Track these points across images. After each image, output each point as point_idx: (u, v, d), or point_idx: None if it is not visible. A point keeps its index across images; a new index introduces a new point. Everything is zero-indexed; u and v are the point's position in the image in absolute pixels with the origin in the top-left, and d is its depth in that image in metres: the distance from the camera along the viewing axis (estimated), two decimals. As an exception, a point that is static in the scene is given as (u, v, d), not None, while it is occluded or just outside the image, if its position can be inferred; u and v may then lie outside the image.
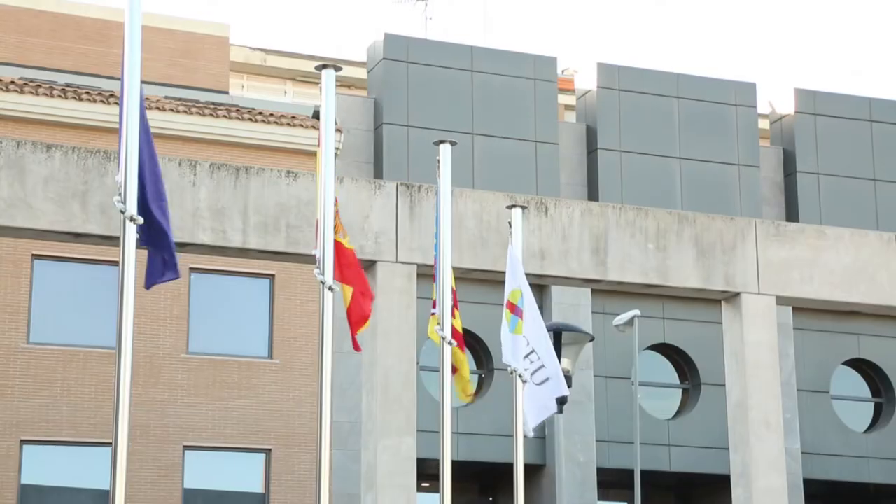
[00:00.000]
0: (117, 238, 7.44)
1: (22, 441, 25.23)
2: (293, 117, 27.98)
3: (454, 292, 10.22)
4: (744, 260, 15.23)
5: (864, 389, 32.20)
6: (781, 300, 15.55)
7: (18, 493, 25.02)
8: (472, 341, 28.88)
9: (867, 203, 31.80)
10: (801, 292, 15.53)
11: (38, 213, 13.00)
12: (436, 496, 9.34)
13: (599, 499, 28.94)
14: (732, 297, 15.31)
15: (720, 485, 25.39)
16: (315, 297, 9.31)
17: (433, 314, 10.11)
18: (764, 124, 33.12)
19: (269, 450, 26.63)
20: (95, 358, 25.49)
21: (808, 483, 29.71)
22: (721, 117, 31.05)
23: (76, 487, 25.71)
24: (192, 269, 26.87)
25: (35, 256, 25.92)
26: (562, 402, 13.66)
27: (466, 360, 10.19)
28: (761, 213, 30.30)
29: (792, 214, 31.23)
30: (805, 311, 28.45)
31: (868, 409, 32.14)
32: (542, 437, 28.53)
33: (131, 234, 7.24)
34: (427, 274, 11.46)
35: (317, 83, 9.33)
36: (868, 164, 32.06)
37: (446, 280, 9.96)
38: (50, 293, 26.15)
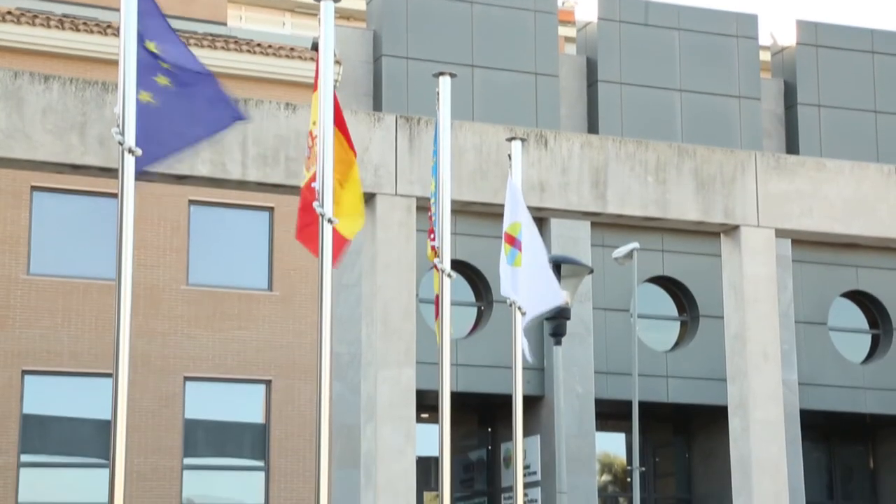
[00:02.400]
0: (116, 170, 7.44)
1: (23, 371, 25.36)
2: (292, 49, 27.84)
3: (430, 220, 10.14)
4: (743, 192, 15.23)
5: (861, 321, 32.33)
6: (781, 233, 15.57)
7: (20, 423, 25.19)
8: (471, 274, 28.94)
9: (868, 135, 31.73)
10: (800, 225, 15.54)
11: (36, 145, 12.98)
12: (435, 427, 9.40)
13: (597, 430, 29.14)
14: (731, 229, 15.32)
15: (717, 416, 25.58)
16: (314, 230, 9.29)
17: (432, 247, 10.12)
18: (765, 56, 32.96)
19: (270, 381, 26.78)
20: (96, 289, 25.56)
21: (804, 414, 29.91)
22: (722, 49, 30.89)
23: (78, 417, 25.88)
24: (192, 202, 26.87)
25: (34, 188, 25.90)
26: (558, 334, 13.72)
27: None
28: (762, 146, 30.25)
29: (792, 147, 31.17)
30: (804, 243, 28.49)
31: (865, 341, 32.28)
32: (541, 368, 28.67)
33: (130, 166, 7.22)
34: (427, 207, 11.46)
35: (315, 15, 9.26)
36: (869, 97, 31.94)
37: (445, 212, 9.96)
38: (50, 224, 26.16)
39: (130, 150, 7.23)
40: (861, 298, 32.12)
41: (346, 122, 8.94)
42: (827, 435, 32.87)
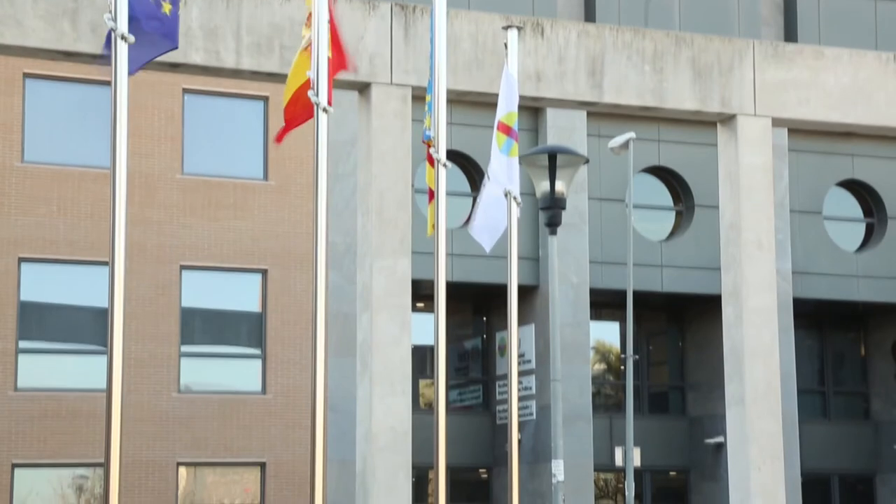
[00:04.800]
0: (108, 57, 7.37)
1: (20, 259, 25.43)
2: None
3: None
4: (741, 81, 15.14)
5: (856, 210, 32.38)
6: (777, 122, 15.51)
7: (18, 310, 25.33)
8: (465, 164, 28.90)
9: (866, 23, 31.46)
10: (797, 114, 15.48)
11: (27, 31, 12.84)
12: (430, 316, 9.45)
13: (592, 319, 29.34)
14: (728, 119, 15.27)
15: (711, 305, 25.75)
16: (310, 119, 9.27)
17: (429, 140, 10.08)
18: (764, -57, 32.54)
19: (266, 270, 26.87)
20: (91, 178, 25.52)
21: (797, 302, 30.09)
22: (721, -65, 30.50)
23: (75, 305, 26.01)
24: (186, 90, 26.72)
25: (27, 75, 25.72)
26: (553, 224, 13.73)
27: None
28: (760, 34, 29.99)
29: (791, 35, 30.91)
30: (800, 132, 28.42)
31: (860, 230, 32.36)
32: (536, 258, 28.77)
33: (123, 54, 7.16)
34: (422, 96, 11.39)
35: None
36: (869, -16, 31.61)
37: (441, 102, 9.91)
38: (43, 112, 26.05)
39: (123, 37, 7.16)
40: (856, 187, 32.14)
41: (337, 22, 8.84)
42: (819, 323, 33.12)
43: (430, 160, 9.88)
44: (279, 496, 26.22)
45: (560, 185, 13.78)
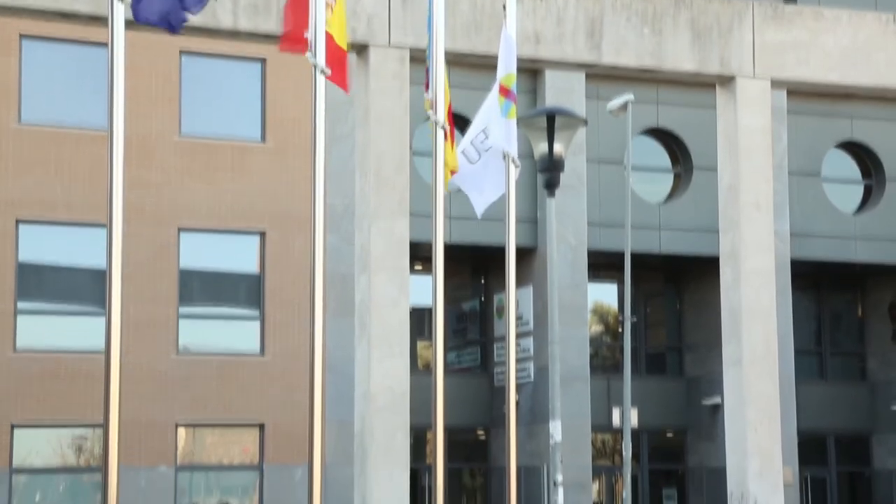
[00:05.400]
0: (105, 18, 7.34)
1: (18, 220, 25.42)
2: None
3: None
4: (740, 43, 15.10)
5: (854, 171, 32.37)
6: (777, 83, 15.48)
7: (16, 271, 25.35)
8: (465, 126, 28.82)
9: (866, -15, 31.33)
10: (796, 75, 15.45)
11: (24, -7, 12.79)
12: (428, 278, 9.46)
13: (590, 281, 29.37)
14: (727, 80, 15.23)
15: (709, 266, 25.75)
16: (307, 81, 9.26)
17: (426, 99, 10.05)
18: None
19: (264, 232, 26.87)
20: (88, 139, 25.48)
21: (795, 263, 30.13)
22: None
23: (73, 266, 26.03)
24: (183, 52, 26.61)
25: (23, 36, 25.62)
26: (551, 186, 13.72)
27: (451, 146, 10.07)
28: (759, -5, 29.86)
29: (790, -4, 30.79)
30: (799, 93, 28.36)
31: (858, 191, 32.37)
32: (534, 220, 28.77)
33: (119, 14, 7.12)
34: (420, 58, 11.37)
35: None
36: (869, -55, 31.46)
37: (440, 63, 9.88)
38: (40, 73, 25.96)
39: (120, -1, 7.12)
40: (855, 149, 32.12)
41: None
42: (817, 284, 33.17)
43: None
44: (278, 457, 26.33)
45: (558, 147, 13.75)
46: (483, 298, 31.38)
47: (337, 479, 24.41)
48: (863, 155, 32.15)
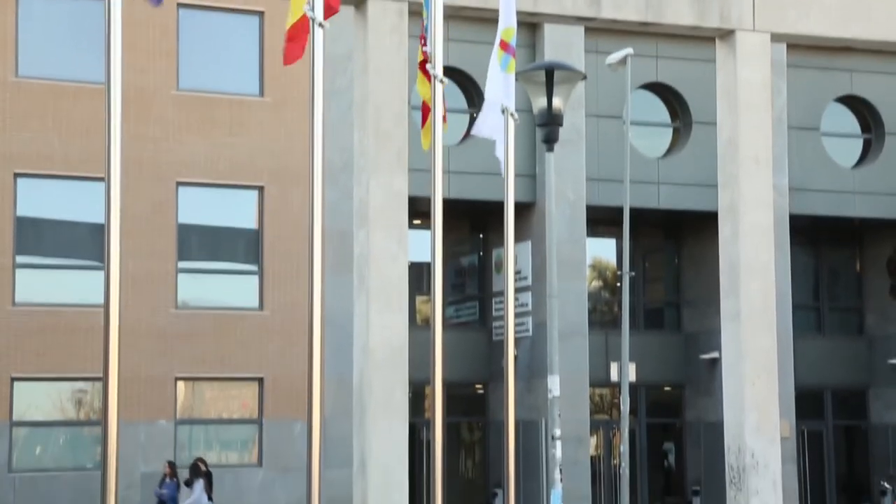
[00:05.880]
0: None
1: (16, 174, 25.38)
2: None
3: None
4: (739, -3, 15.02)
5: (854, 125, 32.31)
6: (776, 37, 15.42)
7: (14, 225, 25.33)
8: (462, 80, 28.74)
9: (867, -62, 31.15)
10: (796, 29, 15.39)
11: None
12: (427, 233, 9.45)
13: (588, 236, 29.37)
14: (727, 34, 15.17)
15: (708, 222, 25.75)
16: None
17: (424, 52, 10.01)
18: None
19: (262, 187, 26.84)
20: (86, 93, 25.40)
21: (794, 218, 30.12)
22: None
23: (72, 221, 26.01)
24: (180, 5, 26.49)
25: (20, -10, 25.50)
26: (550, 141, 13.68)
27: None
28: (759, -51, 29.69)
29: (790, -51, 30.61)
30: (799, 47, 28.25)
31: (857, 145, 32.32)
32: (533, 175, 28.73)
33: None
34: (419, 12, 11.30)
35: None
36: None
37: (438, 17, 9.83)
38: (37, 26, 25.84)
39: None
40: (854, 103, 32.04)
41: None
42: (815, 239, 33.18)
43: (426, 74, 9.81)
44: (276, 411, 26.42)
45: (557, 102, 13.71)
46: (482, 253, 31.39)
47: (336, 434, 24.51)
48: (862, 109, 32.08)
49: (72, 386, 25.76)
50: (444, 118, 9.84)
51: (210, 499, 23.63)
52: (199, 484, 23.44)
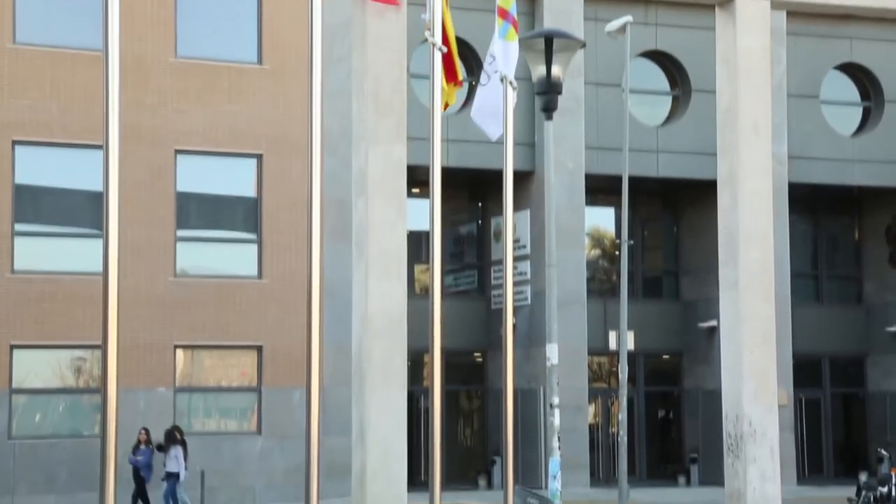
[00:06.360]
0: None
1: (14, 141, 25.33)
2: None
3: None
4: (739, -36, 14.96)
5: (853, 93, 32.25)
6: (776, 4, 15.37)
7: (13, 193, 25.31)
8: (464, 49, 28.68)
9: None
10: (796, -4, 15.34)
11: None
12: (426, 202, 9.45)
13: (587, 204, 29.38)
14: (727, 1, 15.11)
15: (707, 190, 25.75)
16: (304, 1, 9.18)
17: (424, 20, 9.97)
18: None
19: (261, 155, 26.80)
20: (84, 60, 25.32)
21: (793, 187, 30.12)
22: None
23: (70, 188, 25.98)
24: (178, -28, 26.38)
25: (17, -43, 25.39)
26: (549, 109, 13.68)
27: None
28: (759, -84, 29.56)
29: (791, -84, 30.48)
30: (798, 15, 28.19)
31: (857, 113, 32.27)
32: (532, 143, 28.69)
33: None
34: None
35: None
36: None
37: (437, -16, 9.77)
38: (34, -5, 25.74)
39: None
40: (854, 70, 31.97)
41: None
42: (814, 207, 33.19)
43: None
44: (275, 379, 26.47)
45: (556, 70, 13.67)
46: (481, 222, 31.39)
47: (334, 402, 24.57)
48: (862, 77, 32.01)
49: (71, 353, 25.79)
50: (459, 83, 9.80)
51: (185, 469, 23.57)
52: (178, 452, 23.28)
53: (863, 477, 21.36)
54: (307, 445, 6.20)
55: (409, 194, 14.25)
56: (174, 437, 23.53)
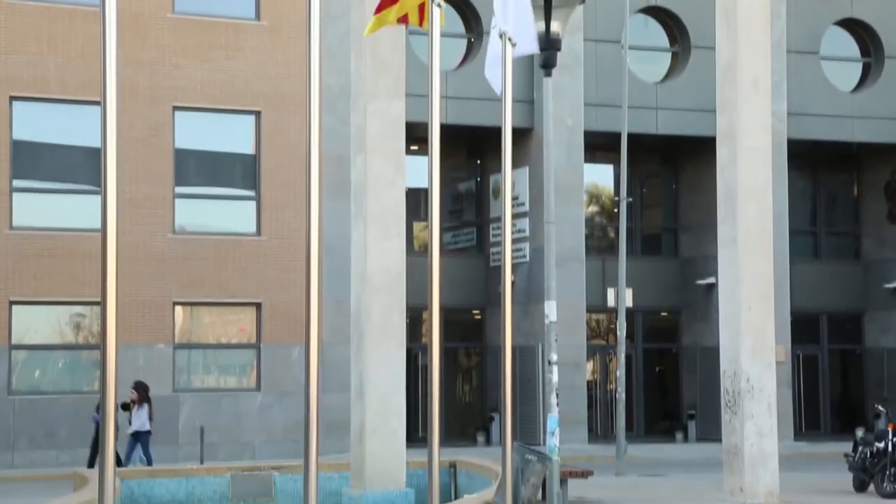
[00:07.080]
0: None
1: (11, 97, 25.26)
2: None
3: None
4: (740, -81, 14.89)
5: (853, 49, 32.15)
6: (776, -39, 15.31)
7: (11, 149, 25.26)
8: (461, 4, 28.55)
9: None
10: (796, -47, 15.27)
11: None
12: (424, 159, 9.44)
13: (586, 161, 29.34)
14: (726, -42, 15.05)
15: (706, 146, 25.72)
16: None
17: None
18: None
19: (259, 112, 26.74)
20: (81, 15, 25.23)
21: (792, 143, 30.08)
22: None
23: (68, 145, 25.92)
24: (175, -73, 26.22)
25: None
26: (548, 66, 13.64)
27: None
28: None
29: None
30: (799, -28, 28.01)
31: (856, 69, 32.18)
32: (530, 100, 28.62)
33: None
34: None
35: None
36: None
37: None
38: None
39: None
40: (854, 26, 31.85)
41: None
42: (813, 163, 33.16)
43: None
44: (274, 336, 26.53)
45: (555, 26, 13.63)
46: (479, 179, 31.37)
47: (334, 358, 24.63)
48: (861, 33, 31.90)
49: (70, 310, 25.83)
50: (404, 21, 9.65)
51: (150, 421, 22.82)
52: (144, 409, 22.39)
53: (860, 433, 21.47)
54: (306, 402, 6.22)
55: (408, 151, 14.24)
56: (141, 394, 22.52)
